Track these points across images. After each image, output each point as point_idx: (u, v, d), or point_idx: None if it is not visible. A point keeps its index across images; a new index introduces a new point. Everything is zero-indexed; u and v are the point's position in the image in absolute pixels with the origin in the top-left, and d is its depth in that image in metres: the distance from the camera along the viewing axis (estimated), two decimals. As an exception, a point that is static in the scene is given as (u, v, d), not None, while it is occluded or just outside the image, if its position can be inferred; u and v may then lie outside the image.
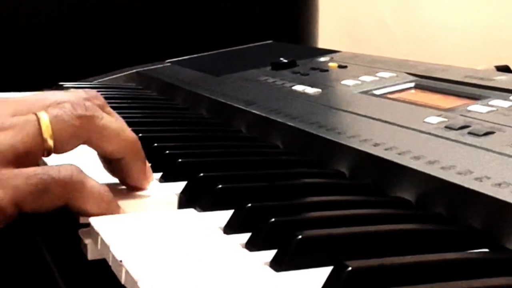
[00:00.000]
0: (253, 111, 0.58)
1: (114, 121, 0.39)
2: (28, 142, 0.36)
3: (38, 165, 0.37)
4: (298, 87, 0.64)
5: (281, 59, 0.75)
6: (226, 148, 0.52)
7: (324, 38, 1.12)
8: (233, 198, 0.38)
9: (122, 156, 0.40)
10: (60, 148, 0.37)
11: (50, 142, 0.37)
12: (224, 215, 0.36)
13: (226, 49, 0.94)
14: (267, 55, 0.83)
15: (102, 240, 0.33)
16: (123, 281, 0.30)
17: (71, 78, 0.83)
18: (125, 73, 0.88)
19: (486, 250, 0.34)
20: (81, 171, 0.37)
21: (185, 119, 0.64)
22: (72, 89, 0.42)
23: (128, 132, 0.40)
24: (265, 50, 0.92)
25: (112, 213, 0.37)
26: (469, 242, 0.34)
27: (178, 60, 0.92)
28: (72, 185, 0.36)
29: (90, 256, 0.36)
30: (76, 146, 0.38)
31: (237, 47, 0.95)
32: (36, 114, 0.37)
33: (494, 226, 0.34)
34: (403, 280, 0.28)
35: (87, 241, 0.36)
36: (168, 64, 0.91)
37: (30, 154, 0.36)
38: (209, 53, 0.94)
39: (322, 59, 0.78)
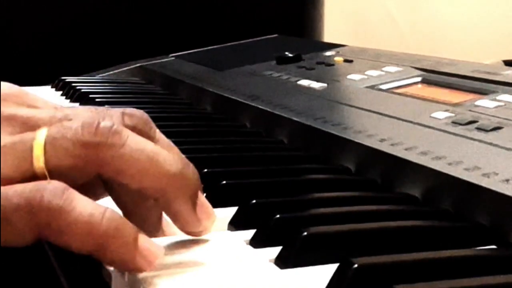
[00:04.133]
0: (258, 106, 0.58)
1: (143, 149, 0.29)
2: (11, 169, 0.28)
3: None
4: (304, 82, 0.64)
5: (286, 53, 0.75)
6: (230, 144, 0.51)
7: (329, 32, 1.12)
8: (238, 194, 0.37)
9: (156, 196, 0.30)
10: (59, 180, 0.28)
11: (42, 173, 0.28)
12: (228, 212, 0.36)
13: (230, 43, 0.94)
14: (272, 49, 0.82)
15: None
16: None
17: (73, 73, 0.83)
18: (128, 67, 0.88)
19: (494, 246, 0.33)
20: (62, 190, 0.27)
21: (189, 114, 0.64)
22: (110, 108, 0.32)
23: (165, 165, 0.29)
24: (270, 44, 0.91)
25: (124, 251, 0.28)
26: (476, 238, 0.34)
27: (182, 54, 0.92)
28: (43, 214, 0.27)
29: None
30: (83, 181, 0.29)
31: (242, 41, 0.94)
32: (35, 132, 0.29)
33: (502, 222, 0.34)
34: (409, 277, 0.28)
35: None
36: (172, 58, 0.91)
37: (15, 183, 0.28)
38: (213, 47, 0.94)
39: (327, 53, 0.77)
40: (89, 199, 0.28)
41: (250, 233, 0.33)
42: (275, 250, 0.31)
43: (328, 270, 0.28)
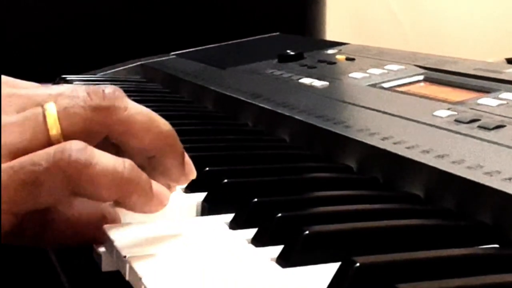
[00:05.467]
0: (260, 104, 0.58)
1: (142, 112, 0.32)
2: (29, 140, 0.30)
3: None
4: (305, 80, 0.64)
5: (288, 51, 0.75)
6: (232, 142, 0.51)
7: (331, 30, 1.12)
8: (239, 193, 0.37)
9: (153, 154, 0.33)
10: None
11: (58, 140, 0.30)
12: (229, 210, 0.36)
13: (232, 41, 0.94)
14: (274, 47, 0.82)
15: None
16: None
17: (74, 71, 0.83)
18: (129, 65, 0.88)
19: (496, 245, 0.33)
20: (85, 148, 0.30)
21: (190, 113, 0.64)
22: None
23: (160, 124, 0.33)
24: (271, 42, 0.91)
25: (144, 194, 0.31)
26: (478, 237, 0.33)
27: (183, 53, 0.91)
28: (73, 170, 0.29)
29: (104, 268, 0.32)
30: (94, 144, 0.31)
31: (243, 39, 0.94)
32: (42, 107, 0.31)
33: (504, 221, 0.34)
34: (411, 276, 0.28)
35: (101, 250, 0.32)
36: (173, 56, 0.91)
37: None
38: (215, 45, 0.94)
39: (329, 51, 0.77)
40: (106, 153, 0.31)
41: (251, 232, 0.33)
42: (277, 249, 0.31)
43: (330, 269, 0.28)
